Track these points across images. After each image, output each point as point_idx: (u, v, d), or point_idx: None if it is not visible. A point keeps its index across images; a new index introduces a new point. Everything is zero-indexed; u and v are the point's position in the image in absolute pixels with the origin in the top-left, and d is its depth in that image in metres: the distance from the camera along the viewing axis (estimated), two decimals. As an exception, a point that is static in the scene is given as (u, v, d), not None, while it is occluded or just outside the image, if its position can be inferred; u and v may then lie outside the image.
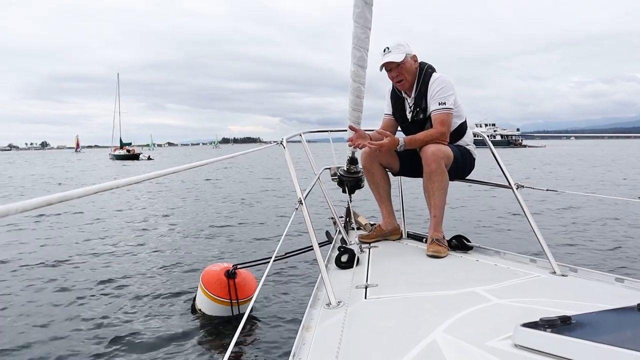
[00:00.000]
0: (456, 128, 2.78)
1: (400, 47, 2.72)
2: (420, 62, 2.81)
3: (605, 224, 7.58)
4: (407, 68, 2.73)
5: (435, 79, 2.70)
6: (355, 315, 1.64)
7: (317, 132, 4.12)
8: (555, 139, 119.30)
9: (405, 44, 2.74)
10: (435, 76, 2.72)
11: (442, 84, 2.68)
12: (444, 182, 2.61)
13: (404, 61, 2.70)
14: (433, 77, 2.71)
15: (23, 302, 4.25)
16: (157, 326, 3.64)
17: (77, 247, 6.64)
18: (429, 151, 2.58)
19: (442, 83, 2.68)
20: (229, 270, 3.61)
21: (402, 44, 2.73)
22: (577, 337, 1.11)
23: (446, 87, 2.67)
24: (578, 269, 2.17)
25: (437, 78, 2.70)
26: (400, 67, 2.71)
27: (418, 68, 2.78)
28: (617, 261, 5.32)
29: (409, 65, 2.74)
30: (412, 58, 2.76)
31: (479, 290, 1.84)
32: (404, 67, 2.72)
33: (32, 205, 0.77)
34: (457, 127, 2.78)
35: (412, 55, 2.75)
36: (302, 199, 2.09)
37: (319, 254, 1.93)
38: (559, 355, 1.10)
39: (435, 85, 2.68)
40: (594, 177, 17.25)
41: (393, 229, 3.01)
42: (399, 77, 2.75)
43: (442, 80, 2.69)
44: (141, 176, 1.14)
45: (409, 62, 2.74)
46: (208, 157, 1.62)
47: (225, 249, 6.36)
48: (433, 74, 2.74)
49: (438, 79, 2.70)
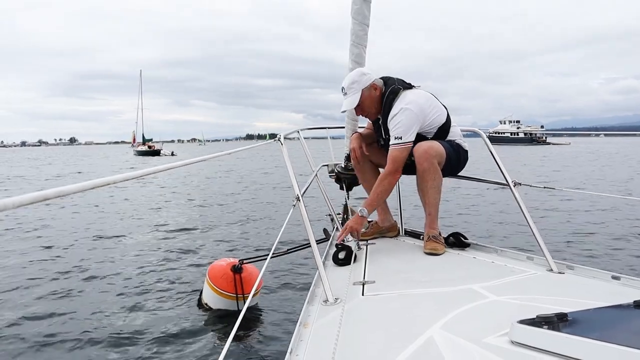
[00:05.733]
0: (435, 133, 2.69)
1: (354, 86, 2.62)
2: (384, 81, 2.69)
3: (603, 221, 7.60)
4: (368, 104, 2.67)
5: (396, 112, 2.55)
6: (353, 312, 1.65)
7: (315, 129, 4.12)
8: (584, 136, 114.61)
9: (358, 79, 2.62)
10: (396, 108, 2.56)
11: (401, 118, 2.53)
12: (437, 180, 2.59)
13: (362, 99, 2.63)
14: (394, 109, 2.57)
15: (25, 295, 4.30)
16: (163, 319, 3.69)
17: (83, 240, 6.70)
18: (421, 150, 2.55)
19: (401, 117, 2.53)
20: (235, 265, 3.64)
21: (356, 79, 2.62)
22: (574, 334, 1.12)
23: (403, 123, 2.52)
24: (575, 267, 2.18)
25: (398, 112, 2.55)
26: (361, 106, 2.66)
27: (381, 94, 2.68)
28: (614, 259, 5.34)
29: (369, 101, 2.66)
30: (369, 89, 2.64)
31: (476, 287, 1.85)
32: (364, 104, 2.66)
33: (29, 200, 0.77)
34: (435, 132, 2.69)
35: (369, 86, 2.63)
36: (300, 195, 2.09)
37: (316, 251, 1.93)
38: (556, 352, 1.10)
39: (395, 120, 2.56)
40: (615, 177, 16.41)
41: (390, 225, 3.01)
42: (364, 113, 2.74)
43: (403, 114, 2.53)
44: (138, 172, 1.15)
45: (368, 97, 2.64)
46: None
47: (222, 245, 6.36)
48: (395, 104, 2.59)
49: (399, 113, 2.54)
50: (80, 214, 9.23)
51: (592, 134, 79.54)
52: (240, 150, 2.30)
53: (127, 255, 5.79)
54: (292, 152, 2.34)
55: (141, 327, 3.54)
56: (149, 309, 3.94)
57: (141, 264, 5.38)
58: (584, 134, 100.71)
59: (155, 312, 3.87)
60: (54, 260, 5.59)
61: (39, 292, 4.38)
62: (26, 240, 6.78)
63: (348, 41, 3.06)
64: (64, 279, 4.80)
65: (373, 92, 2.67)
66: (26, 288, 4.50)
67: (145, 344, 3.27)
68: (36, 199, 0.79)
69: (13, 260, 5.60)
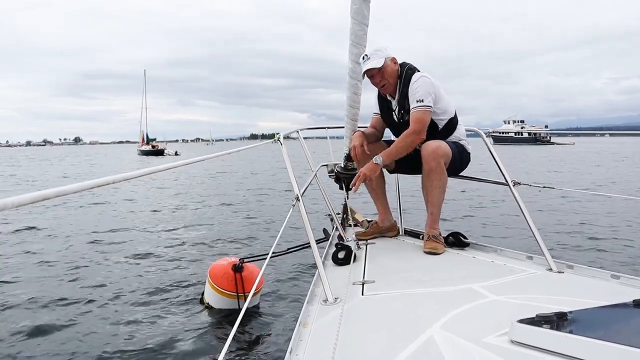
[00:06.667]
0: (445, 124, 2.77)
1: (378, 53, 2.72)
2: (400, 63, 2.81)
3: (602, 220, 7.59)
4: (389, 72, 2.73)
5: (416, 79, 2.69)
6: (352, 312, 1.65)
7: (314, 128, 4.12)
8: (588, 136, 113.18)
9: (383, 48, 2.75)
10: (415, 77, 2.71)
11: (420, 83, 2.67)
12: (442, 180, 2.62)
13: (385, 66, 2.71)
14: (414, 78, 2.70)
15: (25, 294, 4.29)
16: (165, 318, 3.70)
17: (84, 239, 6.71)
18: (429, 149, 2.59)
19: (420, 82, 2.67)
20: (236, 264, 3.64)
21: (380, 48, 2.74)
22: (573, 333, 1.12)
23: (424, 86, 2.66)
24: (574, 266, 2.18)
25: (418, 79, 2.69)
26: (382, 72, 2.72)
27: (399, 70, 2.78)
28: (613, 258, 5.34)
29: (390, 69, 2.74)
30: (391, 61, 2.76)
31: (475, 287, 1.85)
32: (385, 71, 2.72)
33: (29, 200, 0.77)
34: (446, 122, 2.77)
35: (390, 58, 2.76)
36: (300, 195, 2.09)
37: (316, 251, 1.93)
38: (555, 351, 1.10)
39: (415, 86, 2.68)
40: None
41: (390, 225, 3.01)
42: (382, 82, 2.76)
43: (422, 80, 2.68)
44: (138, 172, 1.15)
45: (389, 65, 2.74)
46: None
47: (223, 245, 6.35)
48: (414, 75, 2.73)
49: (418, 79, 2.69)
50: (79, 214, 9.20)
51: (597, 134, 78.89)
52: (240, 150, 2.30)
53: (128, 255, 5.78)
54: (292, 152, 2.34)
55: (142, 326, 3.55)
56: (150, 308, 3.94)
57: (142, 263, 5.38)
58: (589, 133, 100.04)
59: (157, 311, 3.88)
60: (56, 256, 5.62)
61: (40, 291, 4.37)
62: (26, 240, 6.77)
63: (347, 41, 3.06)
64: (65, 278, 4.80)
65: (393, 65, 2.77)
66: (27, 288, 4.49)
67: (146, 342, 3.27)
68: (36, 198, 0.79)
69: (13, 259, 5.60)
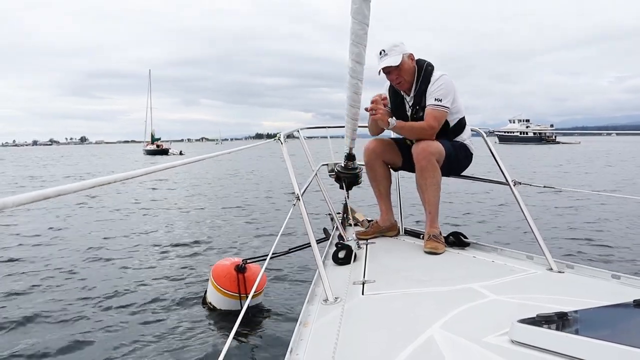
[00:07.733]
0: (455, 124, 2.78)
1: (395, 49, 2.66)
2: (417, 59, 2.78)
3: (602, 220, 7.59)
4: (406, 69, 2.70)
5: (437, 78, 2.67)
6: (353, 311, 1.65)
7: (314, 128, 4.12)
8: (594, 135, 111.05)
9: (400, 44, 2.70)
10: (437, 75, 2.69)
11: (442, 82, 2.65)
12: (436, 177, 2.61)
13: (402, 62, 2.66)
14: (435, 76, 2.68)
15: (26, 293, 4.32)
16: (168, 318, 3.72)
17: (85, 239, 6.72)
18: (419, 148, 2.60)
19: (442, 81, 2.66)
20: (238, 265, 3.65)
21: (397, 44, 2.69)
22: (574, 333, 1.12)
23: (446, 86, 2.64)
24: (575, 266, 2.18)
25: (440, 77, 2.67)
26: (399, 69, 2.68)
27: (416, 66, 2.75)
28: (614, 258, 5.34)
29: (407, 66, 2.71)
30: (408, 57, 2.72)
31: (476, 287, 1.85)
32: (402, 68, 2.68)
33: (29, 199, 0.77)
34: (456, 122, 2.78)
35: (408, 54, 2.72)
36: (300, 195, 2.08)
37: (316, 250, 1.93)
38: (556, 351, 1.10)
39: (436, 85, 2.66)
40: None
41: (390, 225, 3.01)
42: (398, 79, 2.73)
43: (443, 79, 2.66)
44: (138, 171, 1.15)
45: (407, 62, 2.70)
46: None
47: (225, 245, 6.36)
48: (434, 73, 2.71)
49: (440, 78, 2.67)
50: (80, 214, 9.21)
51: (604, 133, 78.55)
52: (240, 149, 2.30)
53: (131, 256, 5.78)
54: (293, 151, 2.34)
55: (145, 325, 3.56)
56: (153, 307, 3.95)
57: (145, 263, 5.38)
58: (595, 133, 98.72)
59: (159, 310, 3.89)
60: (56, 256, 5.64)
61: (40, 290, 4.40)
62: (26, 239, 6.78)
63: (348, 40, 3.06)
64: (66, 278, 4.81)
65: (410, 62, 2.73)
66: (28, 286, 4.52)
67: (149, 341, 3.28)
68: (36, 198, 0.79)
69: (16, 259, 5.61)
